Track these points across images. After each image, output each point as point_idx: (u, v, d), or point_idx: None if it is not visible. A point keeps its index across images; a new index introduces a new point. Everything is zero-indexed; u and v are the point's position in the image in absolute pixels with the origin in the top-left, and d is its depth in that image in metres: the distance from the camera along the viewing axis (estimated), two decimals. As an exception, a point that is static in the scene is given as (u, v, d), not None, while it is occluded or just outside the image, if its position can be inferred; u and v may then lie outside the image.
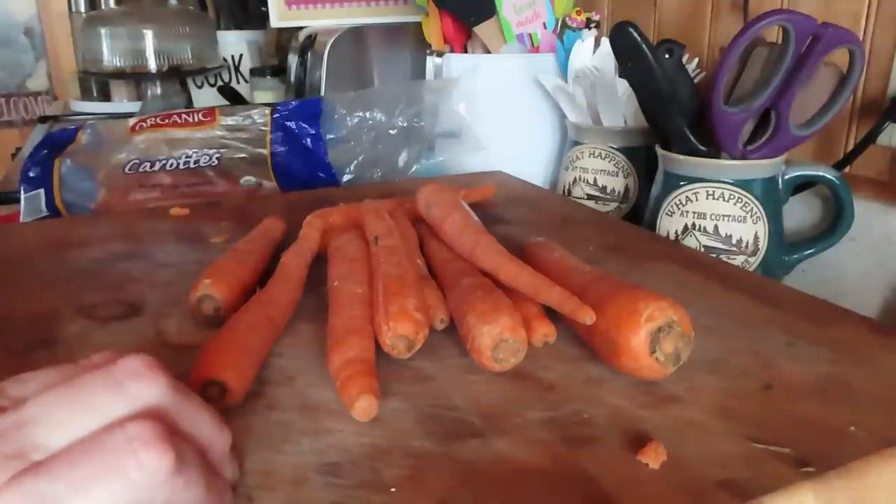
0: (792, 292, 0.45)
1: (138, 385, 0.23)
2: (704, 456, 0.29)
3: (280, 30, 1.37)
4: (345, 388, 0.32)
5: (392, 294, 0.36)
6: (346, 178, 0.77)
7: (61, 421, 0.21)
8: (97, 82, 1.40)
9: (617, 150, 0.71)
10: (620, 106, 0.70)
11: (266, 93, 1.27)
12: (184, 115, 0.76)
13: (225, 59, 1.36)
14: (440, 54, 0.83)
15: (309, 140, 0.76)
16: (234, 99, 1.23)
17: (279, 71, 1.29)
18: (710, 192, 0.57)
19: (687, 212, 0.58)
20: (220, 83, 1.36)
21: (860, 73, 0.53)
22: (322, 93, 1.03)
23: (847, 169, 0.61)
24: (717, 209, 0.57)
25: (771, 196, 0.57)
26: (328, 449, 0.29)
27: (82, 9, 1.44)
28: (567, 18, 0.79)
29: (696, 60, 0.71)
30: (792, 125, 0.55)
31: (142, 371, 0.23)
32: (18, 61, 2.06)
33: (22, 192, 0.70)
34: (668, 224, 0.59)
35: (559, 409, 0.32)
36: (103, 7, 1.41)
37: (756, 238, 0.57)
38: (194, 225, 0.60)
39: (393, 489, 0.27)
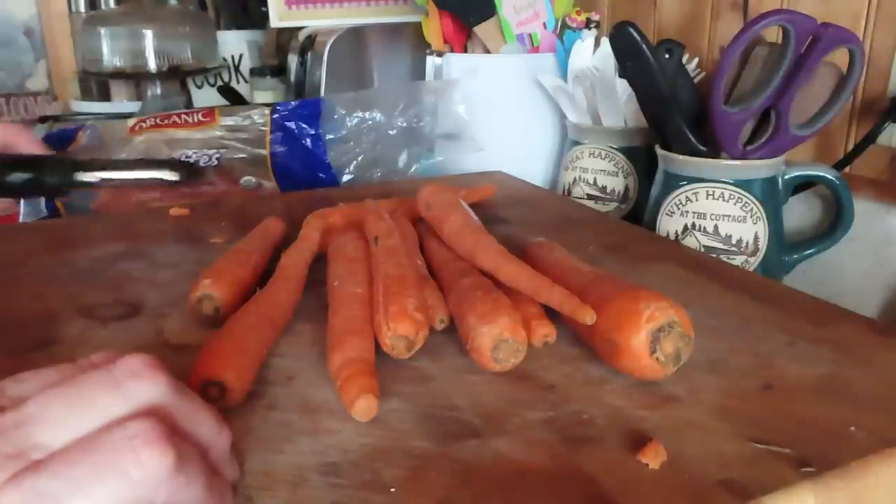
0: (792, 292, 0.45)
1: (138, 384, 0.23)
2: (704, 456, 0.29)
3: (280, 30, 1.36)
4: (345, 388, 0.32)
5: (392, 294, 0.36)
6: (346, 178, 0.77)
7: (61, 420, 0.21)
8: (97, 82, 1.40)
9: (617, 150, 0.71)
10: (620, 106, 0.70)
11: (266, 93, 1.27)
12: (184, 116, 0.76)
13: (225, 59, 1.36)
14: (440, 54, 0.83)
15: (309, 140, 0.76)
16: (234, 99, 1.23)
17: (279, 71, 1.28)
18: (710, 192, 0.57)
19: (687, 212, 0.58)
20: (220, 83, 1.36)
21: (860, 73, 0.53)
22: (322, 93, 1.03)
23: (847, 169, 0.61)
24: (717, 209, 0.57)
25: (771, 196, 0.57)
26: (328, 449, 0.29)
27: (82, 9, 1.44)
28: (567, 18, 0.79)
29: (696, 60, 0.71)
30: (792, 125, 0.55)
31: (142, 370, 0.23)
32: (18, 61, 2.05)
33: (22, 192, 0.70)
34: (668, 224, 0.59)
35: (559, 409, 0.32)
36: (103, 7, 1.41)
37: (756, 238, 0.57)
38: (194, 225, 0.60)
39: (393, 489, 0.27)
